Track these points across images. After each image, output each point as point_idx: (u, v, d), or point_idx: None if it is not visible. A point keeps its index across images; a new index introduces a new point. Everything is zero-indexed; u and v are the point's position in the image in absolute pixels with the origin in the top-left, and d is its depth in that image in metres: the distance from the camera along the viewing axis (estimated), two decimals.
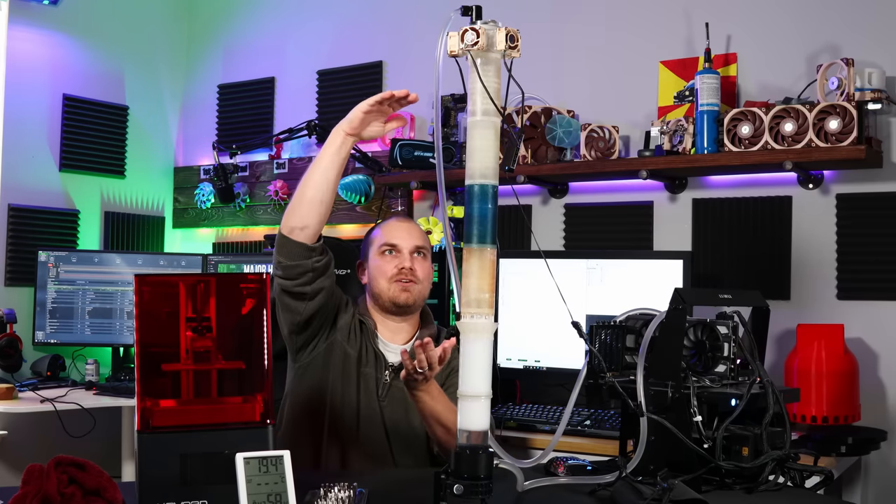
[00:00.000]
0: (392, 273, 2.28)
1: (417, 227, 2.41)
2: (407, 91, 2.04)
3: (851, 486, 2.73)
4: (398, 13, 3.83)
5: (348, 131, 2.11)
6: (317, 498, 1.55)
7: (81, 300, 3.72)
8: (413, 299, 2.29)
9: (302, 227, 2.15)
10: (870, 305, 2.81)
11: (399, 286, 2.27)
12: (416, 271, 2.29)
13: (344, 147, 2.11)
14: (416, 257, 2.31)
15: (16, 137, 3.78)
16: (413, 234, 2.35)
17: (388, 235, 2.33)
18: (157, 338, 1.59)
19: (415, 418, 2.20)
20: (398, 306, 2.29)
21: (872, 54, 2.79)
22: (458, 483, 1.45)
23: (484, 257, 1.49)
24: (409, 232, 2.35)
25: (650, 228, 3.18)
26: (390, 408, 2.23)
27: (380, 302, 2.31)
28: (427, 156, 3.37)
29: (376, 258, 2.32)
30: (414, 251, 2.31)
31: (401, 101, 2.07)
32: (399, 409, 2.23)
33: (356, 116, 2.08)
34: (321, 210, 2.14)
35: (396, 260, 2.29)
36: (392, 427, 2.22)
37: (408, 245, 2.31)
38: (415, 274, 2.29)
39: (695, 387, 1.75)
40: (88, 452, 1.82)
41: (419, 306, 2.34)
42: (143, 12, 4.32)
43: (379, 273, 2.30)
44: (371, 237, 2.39)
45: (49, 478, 1.43)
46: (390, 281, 2.28)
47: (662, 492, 1.58)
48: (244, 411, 1.58)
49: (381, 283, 2.29)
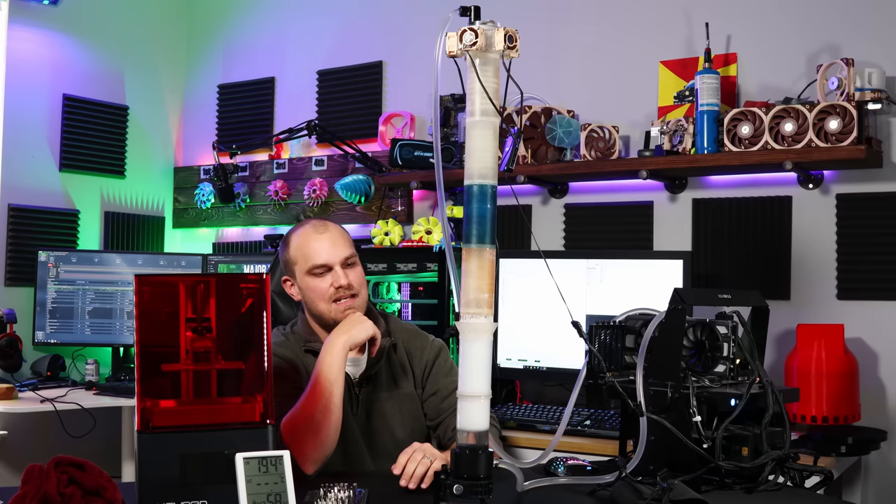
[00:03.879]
0: (329, 293, 2.11)
1: (337, 229, 2.19)
2: None
3: (851, 486, 2.73)
4: (398, 13, 3.83)
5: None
6: (317, 498, 1.55)
7: (81, 300, 3.72)
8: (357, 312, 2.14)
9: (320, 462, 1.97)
10: (870, 305, 2.81)
11: (340, 307, 2.11)
12: (352, 283, 2.12)
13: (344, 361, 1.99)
14: (347, 269, 2.13)
15: (16, 137, 3.78)
16: (337, 243, 2.14)
17: (312, 255, 2.12)
18: (157, 338, 1.59)
19: (398, 428, 2.14)
20: None
21: (872, 54, 2.79)
22: (458, 483, 1.45)
23: (483, 257, 1.49)
24: (333, 243, 2.13)
25: (650, 228, 3.18)
26: (366, 423, 2.13)
27: (323, 322, 2.15)
28: (427, 156, 3.37)
29: (307, 278, 2.14)
30: (344, 263, 2.13)
31: None
32: (376, 422, 2.14)
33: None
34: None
35: (330, 277, 2.11)
36: (370, 442, 2.13)
37: (336, 259, 2.12)
38: (352, 287, 2.12)
39: (694, 387, 1.75)
40: (88, 452, 1.82)
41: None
42: (143, 12, 4.32)
43: (315, 296, 2.13)
44: (291, 252, 2.17)
45: (49, 478, 1.43)
46: (329, 301, 2.11)
47: (662, 492, 1.58)
48: (244, 411, 1.59)
49: (320, 306, 2.13)
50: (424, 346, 2.25)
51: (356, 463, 2.10)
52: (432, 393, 2.19)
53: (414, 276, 3.21)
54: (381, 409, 2.14)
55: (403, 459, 1.85)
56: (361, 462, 2.11)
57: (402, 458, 1.86)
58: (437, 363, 2.22)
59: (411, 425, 2.17)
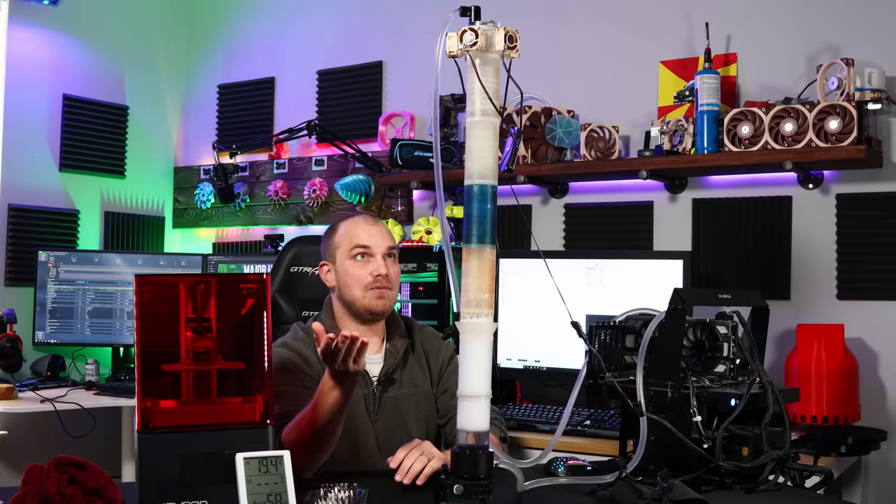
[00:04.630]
0: (367, 281, 2.14)
1: (384, 225, 2.29)
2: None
3: (851, 486, 2.73)
4: (398, 13, 3.83)
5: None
6: (317, 498, 1.55)
7: (81, 300, 3.72)
8: (389, 305, 2.18)
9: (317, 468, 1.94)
10: (870, 305, 2.81)
11: (375, 294, 2.14)
12: (391, 276, 2.17)
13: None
14: (388, 261, 2.18)
15: (16, 137, 3.78)
16: (384, 235, 2.21)
17: (359, 237, 2.18)
18: (158, 338, 1.59)
19: (413, 427, 2.16)
20: (374, 314, 2.17)
21: (872, 54, 2.79)
22: (458, 483, 1.45)
23: (483, 257, 1.49)
24: (381, 233, 2.21)
25: (650, 228, 3.18)
26: (383, 421, 2.15)
27: (353, 309, 2.18)
28: (427, 156, 3.37)
29: (347, 262, 2.17)
30: (386, 254, 2.18)
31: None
32: (392, 420, 2.16)
33: None
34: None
35: (371, 265, 2.16)
36: (385, 440, 2.13)
37: (381, 248, 2.18)
38: (389, 280, 2.16)
39: (694, 387, 1.76)
40: (88, 452, 1.82)
41: (389, 313, 2.22)
42: (143, 12, 4.32)
43: (353, 280, 2.16)
44: (337, 237, 2.22)
45: (49, 478, 1.43)
46: (366, 289, 2.14)
47: (662, 492, 1.58)
48: (244, 411, 1.59)
49: (355, 292, 2.16)
50: (441, 347, 2.29)
51: (366, 461, 2.12)
52: (444, 391, 2.23)
53: (414, 276, 3.21)
54: (399, 408, 2.16)
55: (402, 454, 1.85)
56: (372, 460, 2.12)
57: (401, 452, 1.86)
58: (452, 363, 2.27)
59: (426, 424, 2.21)
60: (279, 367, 2.05)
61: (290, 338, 2.19)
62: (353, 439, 2.09)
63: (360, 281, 2.15)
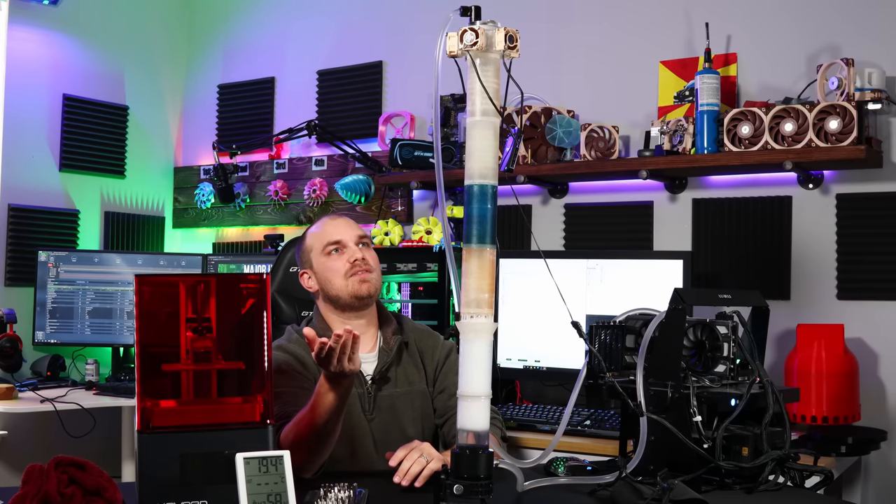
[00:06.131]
0: (345, 269, 2.17)
1: (350, 219, 2.31)
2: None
3: (851, 486, 2.73)
4: (398, 13, 3.83)
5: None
6: (317, 498, 1.55)
7: (81, 300, 3.72)
8: (374, 288, 2.19)
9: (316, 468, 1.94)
10: (870, 305, 2.81)
11: (356, 279, 2.17)
12: (368, 260, 2.20)
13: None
14: (362, 248, 2.21)
15: (16, 137, 3.78)
16: (352, 225, 2.25)
17: (328, 233, 2.22)
18: (158, 338, 1.59)
19: (409, 426, 2.17)
20: (360, 299, 2.18)
21: (872, 54, 2.79)
22: (458, 483, 1.45)
23: (483, 257, 1.49)
24: (348, 224, 2.25)
25: (650, 228, 3.18)
26: (379, 420, 2.15)
27: (340, 302, 2.19)
28: (427, 156, 3.37)
29: (323, 259, 2.21)
30: (358, 242, 2.22)
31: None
32: (388, 418, 2.16)
33: None
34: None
35: (346, 254, 2.19)
36: (381, 438, 2.14)
37: (352, 237, 2.21)
38: (368, 263, 2.19)
39: (694, 387, 1.75)
40: (88, 452, 1.82)
41: (376, 297, 2.25)
42: (143, 12, 4.32)
43: (332, 274, 2.18)
44: (308, 242, 2.26)
45: (49, 478, 1.43)
46: (346, 277, 2.17)
47: (662, 492, 1.58)
48: (244, 411, 1.59)
49: (336, 283, 2.18)
50: (436, 346, 2.29)
51: (363, 460, 2.11)
52: (441, 390, 2.22)
53: (414, 276, 3.21)
54: (395, 406, 2.16)
55: (401, 454, 1.85)
56: (369, 460, 2.11)
57: (401, 452, 1.86)
58: (448, 361, 2.25)
59: (422, 423, 2.20)
60: (276, 370, 2.05)
61: (284, 340, 2.20)
62: (350, 438, 2.09)
63: (338, 272, 2.18)
